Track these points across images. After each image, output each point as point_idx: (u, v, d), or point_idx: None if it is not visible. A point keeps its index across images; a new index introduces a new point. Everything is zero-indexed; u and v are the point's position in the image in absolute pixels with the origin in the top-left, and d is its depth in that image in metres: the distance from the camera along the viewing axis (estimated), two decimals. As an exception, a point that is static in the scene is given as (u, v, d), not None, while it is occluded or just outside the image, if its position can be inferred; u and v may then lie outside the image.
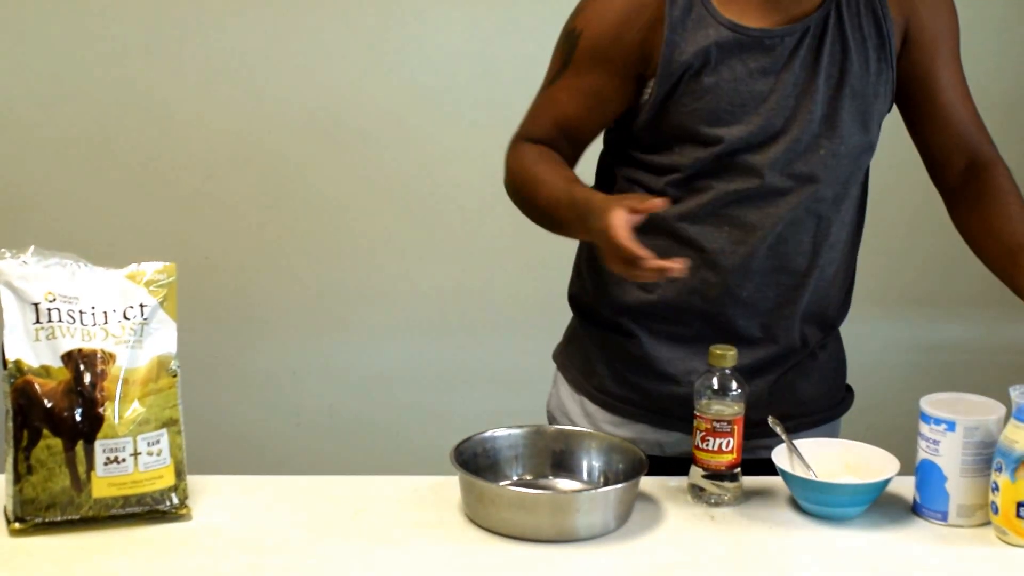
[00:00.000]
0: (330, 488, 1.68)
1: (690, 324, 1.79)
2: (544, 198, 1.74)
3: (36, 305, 1.53)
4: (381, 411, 3.28)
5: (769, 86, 1.71)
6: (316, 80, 3.13)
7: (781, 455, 1.66)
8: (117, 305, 1.56)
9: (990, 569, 1.52)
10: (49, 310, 1.53)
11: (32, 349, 1.52)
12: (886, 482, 1.62)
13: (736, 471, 1.65)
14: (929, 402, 1.63)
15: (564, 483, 1.69)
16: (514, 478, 1.69)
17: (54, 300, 1.54)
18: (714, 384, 1.64)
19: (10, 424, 1.51)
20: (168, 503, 1.56)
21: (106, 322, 1.55)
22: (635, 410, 1.84)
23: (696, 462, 1.65)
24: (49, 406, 1.51)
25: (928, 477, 1.62)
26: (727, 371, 1.64)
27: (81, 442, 1.51)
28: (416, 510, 1.62)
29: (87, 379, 1.52)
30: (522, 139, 1.83)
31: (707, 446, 1.64)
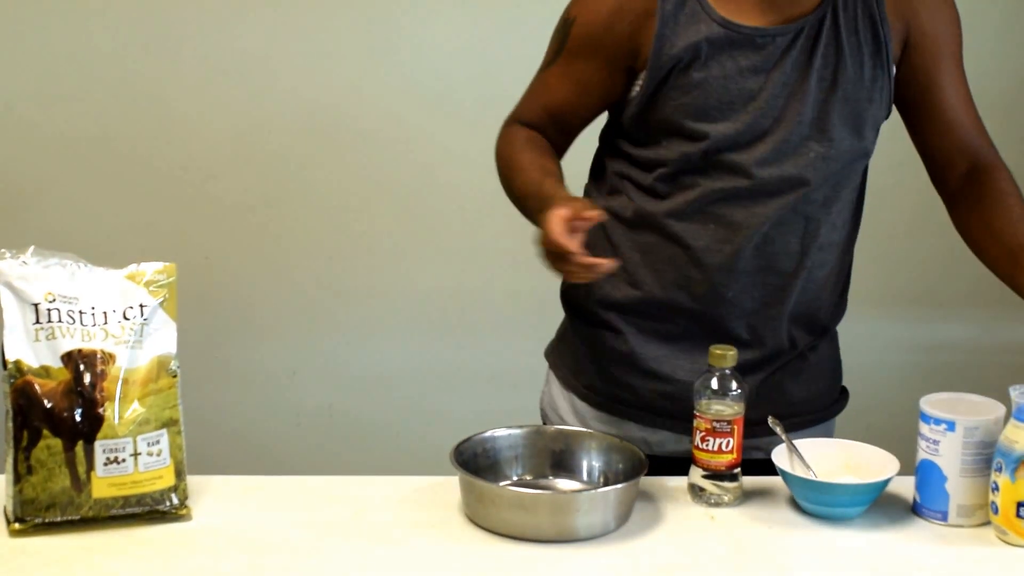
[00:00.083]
0: (330, 488, 1.68)
1: (676, 322, 1.80)
2: (519, 185, 1.77)
3: (36, 305, 1.53)
4: (381, 411, 3.28)
5: (759, 85, 1.70)
6: (316, 80, 3.13)
7: (781, 455, 1.66)
8: (117, 305, 1.56)
9: (990, 569, 1.52)
10: (49, 310, 1.53)
11: (32, 349, 1.52)
12: (886, 482, 1.62)
13: (736, 471, 1.65)
14: (929, 402, 1.63)
15: (564, 483, 1.69)
16: (514, 478, 1.69)
17: (54, 300, 1.53)
18: (714, 384, 1.64)
19: (10, 424, 1.51)
20: (168, 503, 1.56)
21: (106, 322, 1.55)
22: (622, 408, 1.84)
23: (696, 462, 1.65)
24: (49, 406, 1.51)
25: (928, 477, 1.62)
26: (727, 371, 1.64)
27: (81, 442, 1.51)
28: (416, 510, 1.62)
29: (87, 379, 1.52)
30: (514, 121, 1.86)
31: (707, 446, 1.64)
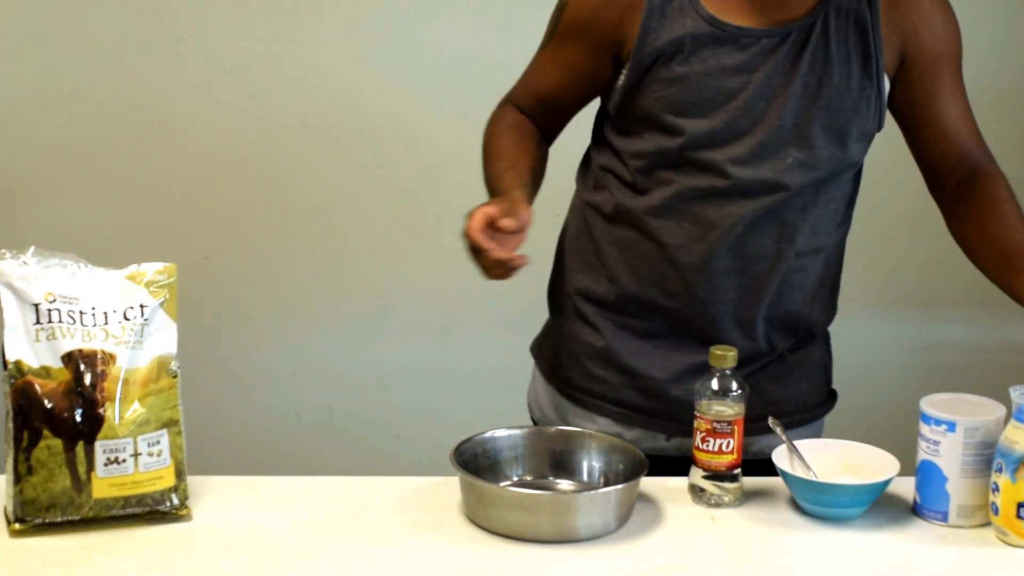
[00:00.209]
0: (330, 488, 1.68)
1: (651, 319, 1.81)
2: (488, 172, 1.80)
3: (36, 306, 1.53)
4: (381, 411, 3.28)
5: (740, 85, 1.70)
6: (316, 80, 3.13)
7: (781, 455, 1.66)
8: (117, 306, 1.56)
9: (990, 569, 1.52)
10: (49, 311, 1.53)
11: (32, 350, 1.52)
12: (886, 482, 1.62)
13: (736, 471, 1.65)
14: (929, 402, 1.63)
15: (564, 483, 1.69)
16: (514, 479, 1.68)
17: (54, 301, 1.53)
18: (714, 385, 1.64)
19: (10, 425, 1.51)
20: (168, 503, 1.56)
21: (106, 323, 1.55)
22: (598, 403, 1.85)
23: (696, 463, 1.65)
24: (49, 407, 1.51)
25: (928, 477, 1.62)
26: (727, 372, 1.64)
27: (81, 443, 1.51)
28: (416, 510, 1.62)
29: (87, 380, 1.52)
30: (508, 102, 1.90)
31: (707, 447, 1.64)
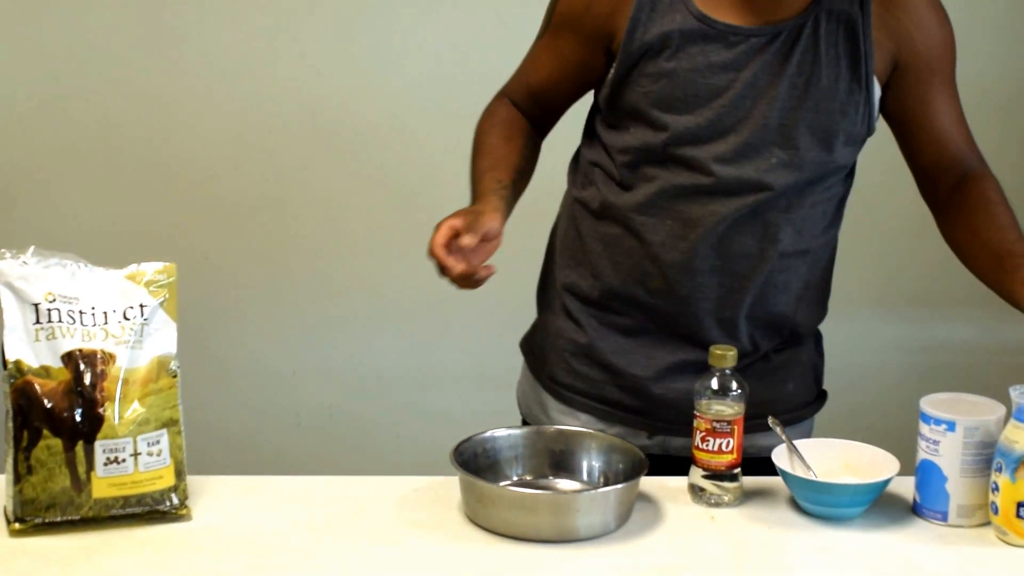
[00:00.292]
0: (330, 488, 1.68)
1: (633, 316, 1.81)
2: (473, 170, 1.83)
3: (36, 305, 1.53)
4: (381, 411, 3.28)
5: (726, 82, 1.70)
6: (316, 80, 3.13)
7: (781, 455, 1.66)
8: (117, 305, 1.56)
9: (990, 569, 1.52)
10: (49, 310, 1.53)
11: (32, 349, 1.52)
12: (886, 482, 1.62)
13: (736, 471, 1.65)
14: (929, 402, 1.63)
15: (564, 483, 1.69)
16: (514, 478, 1.68)
17: (54, 300, 1.53)
18: (714, 384, 1.64)
19: (10, 424, 1.51)
20: (168, 503, 1.56)
21: (106, 322, 1.55)
22: (581, 399, 1.86)
23: (696, 462, 1.65)
24: (49, 406, 1.51)
25: (928, 477, 1.62)
26: (727, 371, 1.64)
27: (81, 442, 1.51)
28: (416, 510, 1.62)
29: (87, 379, 1.52)
30: (503, 96, 1.92)
31: (707, 446, 1.64)
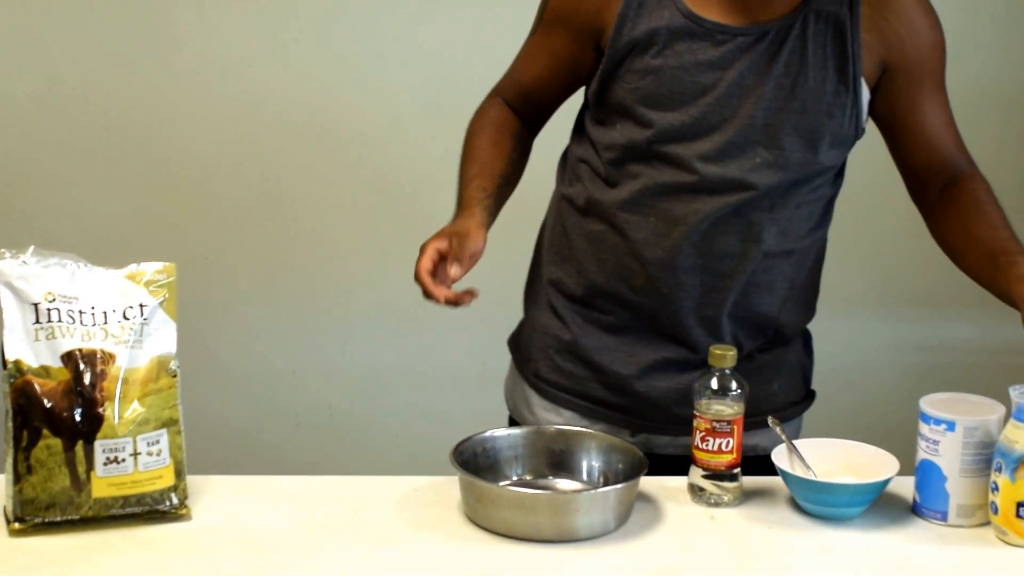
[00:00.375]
0: (330, 488, 1.68)
1: (617, 314, 1.81)
2: (460, 174, 1.85)
3: (36, 305, 1.53)
4: (381, 411, 3.28)
5: (712, 81, 1.70)
6: (316, 81, 3.13)
7: (781, 455, 1.66)
8: (117, 305, 1.56)
9: (990, 569, 1.52)
10: (49, 310, 1.53)
11: (32, 349, 1.52)
12: (886, 482, 1.62)
13: (736, 471, 1.65)
14: (929, 402, 1.63)
15: (564, 483, 1.69)
16: (514, 478, 1.68)
17: (54, 300, 1.53)
18: (713, 384, 1.64)
19: (10, 424, 1.51)
20: (168, 503, 1.56)
21: (106, 322, 1.55)
22: (565, 396, 1.86)
23: (696, 462, 1.65)
24: (49, 406, 1.51)
25: (928, 477, 1.62)
26: (727, 371, 1.64)
27: (81, 442, 1.51)
28: (416, 510, 1.62)
29: (87, 379, 1.52)
30: (495, 94, 1.92)
31: (707, 446, 1.64)
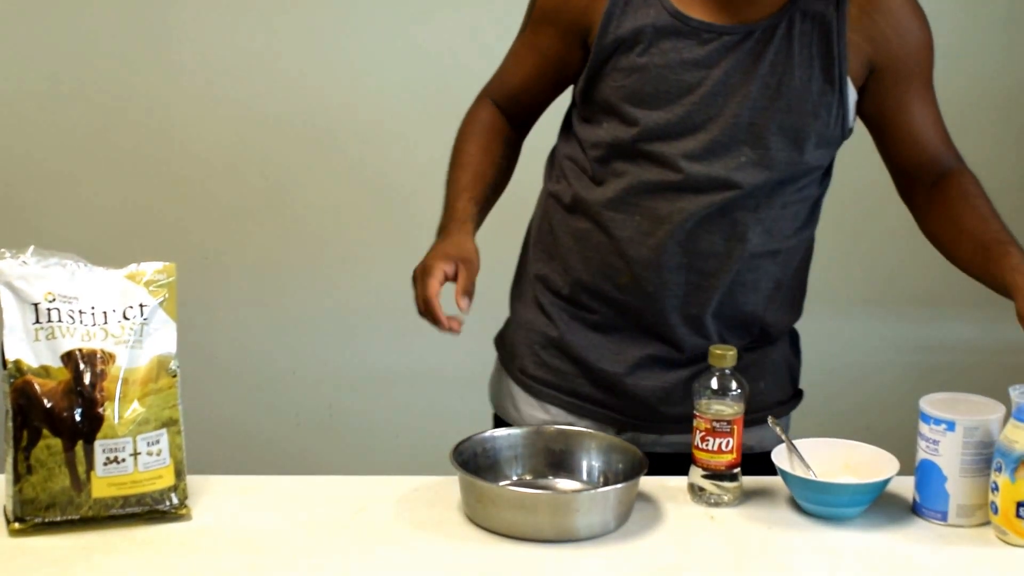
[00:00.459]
0: (330, 488, 1.68)
1: (602, 312, 1.82)
2: (449, 181, 1.87)
3: (36, 305, 1.53)
4: (381, 411, 3.28)
5: (698, 79, 1.70)
6: (316, 80, 3.13)
7: (781, 455, 1.66)
8: (117, 305, 1.56)
9: (990, 569, 1.52)
10: (49, 310, 1.53)
11: (32, 349, 1.52)
12: (886, 482, 1.62)
13: (736, 471, 1.65)
14: (929, 402, 1.63)
15: (564, 483, 1.69)
16: (514, 478, 1.68)
17: (54, 300, 1.53)
18: (713, 384, 1.64)
19: (10, 424, 1.51)
20: (168, 503, 1.56)
21: (106, 322, 1.55)
22: (551, 392, 1.86)
23: (696, 462, 1.65)
24: (49, 406, 1.51)
25: (928, 477, 1.62)
26: (727, 371, 1.64)
27: (81, 442, 1.51)
28: (416, 510, 1.62)
29: (87, 379, 1.52)
30: (485, 96, 1.93)
31: (707, 446, 1.64)
